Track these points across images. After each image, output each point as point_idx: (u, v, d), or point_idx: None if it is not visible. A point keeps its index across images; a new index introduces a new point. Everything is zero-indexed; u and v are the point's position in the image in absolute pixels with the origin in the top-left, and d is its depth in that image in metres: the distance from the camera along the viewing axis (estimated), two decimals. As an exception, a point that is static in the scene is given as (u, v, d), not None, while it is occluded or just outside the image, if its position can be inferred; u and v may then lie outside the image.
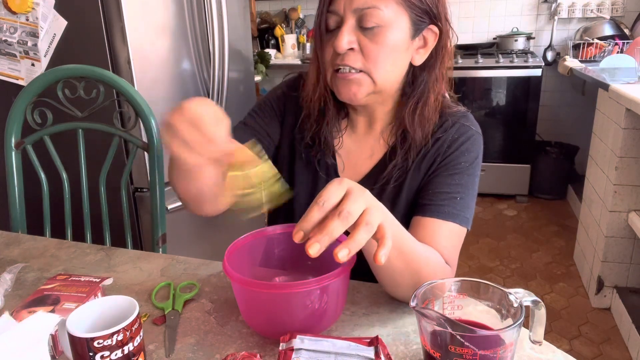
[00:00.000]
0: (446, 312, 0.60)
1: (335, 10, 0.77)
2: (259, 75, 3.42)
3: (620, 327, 1.96)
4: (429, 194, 0.81)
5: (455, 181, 0.81)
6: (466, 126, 0.85)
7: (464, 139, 0.83)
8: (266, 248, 0.78)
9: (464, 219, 0.80)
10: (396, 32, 0.76)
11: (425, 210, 0.80)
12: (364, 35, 0.76)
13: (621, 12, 3.17)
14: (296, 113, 0.93)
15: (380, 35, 0.76)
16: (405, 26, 0.77)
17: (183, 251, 1.76)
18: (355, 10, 0.75)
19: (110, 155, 1.22)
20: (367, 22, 0.75)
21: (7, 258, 0.97)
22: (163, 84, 1.73)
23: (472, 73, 3.15)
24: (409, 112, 0.83)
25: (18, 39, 1.63)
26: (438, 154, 0.83)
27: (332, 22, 0.78)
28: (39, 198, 1.25)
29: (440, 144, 0.84)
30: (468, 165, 0.82)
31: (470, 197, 0.81)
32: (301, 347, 0.56)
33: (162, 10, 1.69)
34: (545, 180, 3.30)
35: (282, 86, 0.97)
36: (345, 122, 0.92)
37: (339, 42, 0.75)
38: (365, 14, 0.74)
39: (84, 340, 0.53)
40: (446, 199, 0.80)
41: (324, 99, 0.86)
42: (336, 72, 0.80)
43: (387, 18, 0.75)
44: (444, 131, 0.84)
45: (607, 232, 2.00)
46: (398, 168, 0.84)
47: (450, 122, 0.85)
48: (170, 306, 0.76)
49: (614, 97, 1.94)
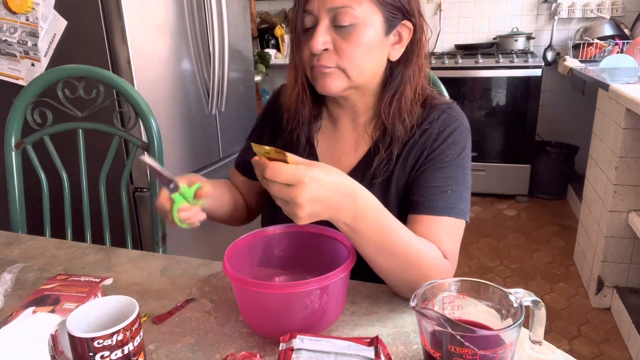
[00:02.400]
0: (446, 312, 0.60)
1: (310, 10, 0.78)
2: (259, 75, 3.42)
3: (620, 327, 1.96)
4: (419, 190, 0.81)
5: (444, 174, 0.81)
6: (452, 117, 0.85)
7: (450, 130, 0.83)
8: (266, 248, 0.79)
9: (459, 211, 0.79)
10: (370, 30, 0.78)
11: (417, 207, 0.80)
12: (337, 35, 0.78)
13: (621, 12, 3.17)
14: (274, 123, 0.97)
15: (354, 33, 0.77)
16: (378, 23, 0.78)
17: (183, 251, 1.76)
18: (330, 10, 0.76)
19: (110, 155, 1.22)
20: (341, 21, 0.76)
21: (7, 258, 0.97)
22: (163, 84, 1.73)
23: (472, 73, 3.15)
24: (385, 105, 0.84)
25: (18, 39, 1.63)
26: (425, 146, 0.84)
27: (308, 21, 0.80)
28: (39, 198, 1.25)
29: (427, 136, 0.84)
30: (455, 157, 0.82)
31: (463, 188, 0.81)
32: (301, 347, 0.56)
33: (162, 10, 1.69)
34: (545, 180, 3.30)
35: (265, 104, 1.02)
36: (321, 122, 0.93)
37: (313, 43, 0.77)
38: (339, 13, 0.76)
39: (84, 340, 0.53)
40: (437, 194, 0.79)
41: (301, 98, 0.88)
42: (313, 69, 0.82)
43: (360, 16, 0.76)
44: (429, 123, 0.84)
45: (607, 232, 2.00)
46: (384, 163, 0.85)
47: (436, 114, 0.85)
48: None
49: (614, 97, 1.94)
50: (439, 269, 0.73)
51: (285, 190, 0.60)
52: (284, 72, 3.69)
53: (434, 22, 3.57)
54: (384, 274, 0.73)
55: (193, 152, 1.91)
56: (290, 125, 0.91)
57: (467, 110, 3.27)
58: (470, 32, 3.56)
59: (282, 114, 0.93)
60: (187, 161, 1.89)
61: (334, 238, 0.74)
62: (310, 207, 0.60)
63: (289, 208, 0.61)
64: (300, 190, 0.59)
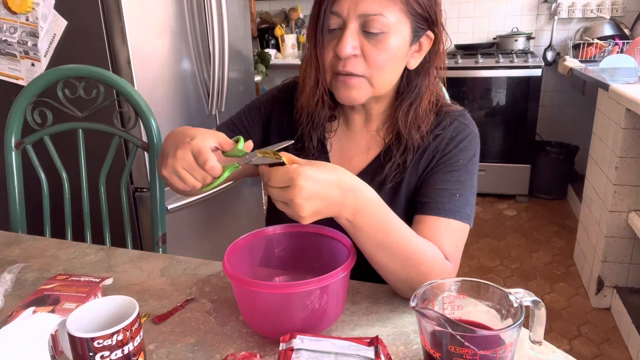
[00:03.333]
0: (446, 312, 0.60)
1: (339, 12, 0.76)
2: (259, 75, 3.42)
3: (620, 327, 1.96)
4: (428, 191, 0.82)
5: (454, 178, 0.82)
6: (464, 124, 0.86)
7: (462, 136, 0.84)
8: (266, 248, 0.79)
9: (464, 215, 0.80)
10: (398, 39, 0.77)
11: (425, 208, 0.80)
12: (367, 41, 0.76)
13: (621, 12, 3.17)
14: (284, 115, 0.94)
15: (383, 41, 0.76)
16: (406, 33, 0.78)
17: (183, 251, 1.76)
18: (361, 16, 0.75)
19: (110, 155, 1.22)
20: (372, 28, 0.75)
21: (7, 258, 0.97)
22: (163, 84, 1.73)
23: (472, 73, 3.15)
24: (403, 114, 0.84)
25: (18, 39, 1.63)
26: (437, 150, 0.84)
27: (334, 22, 0.77)
28: (39, 198, 1.25)
29: (439, 141, 0.84)
30: (466, 163, 0.83)
31: (470, 194, 0.82)
32: (301, 347, 0.56)
33: (162, 10, 1.69)
34: (545, 180, 3.30)
35: (275, 89, 0.99)
36: (336, 124, 0.92)
37: (342, 48, 0.75)
38: (371, 20, 0.74)
39: (84, 340, 0.53)
40: (445, 196, 0.80)
41: (322, 101, 0.86)
42: (336, 75, 0.80)
43: (390, 25, 0.75)
44: (442, 129, 0.85)
45: (607, 232, 2.00)
46: (395, 167, 0.85)
47: (448, 120, 0.86)
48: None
49: (614, 97, 1.95)
50: (440, 269, 0.73)
51: (282, 192, 0.61)
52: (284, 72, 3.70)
53: (434, 22, 3.57)
54: (385, 273, 0.73)
55: (193, 152, 1.91)
56: (304, 124, 0.90)
57: (467, 111, 3.27)
58: (470, 32, 3.56)
59: (293, 109, 0.91)
60: (187, 161, 1.88)
61: (334, 238, 0.74)
62: (310, 206, 0.61)
63: (290, 210, 0.62)
64: (295, 190, 0.60)
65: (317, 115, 0.87)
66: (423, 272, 0.70)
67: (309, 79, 0.84)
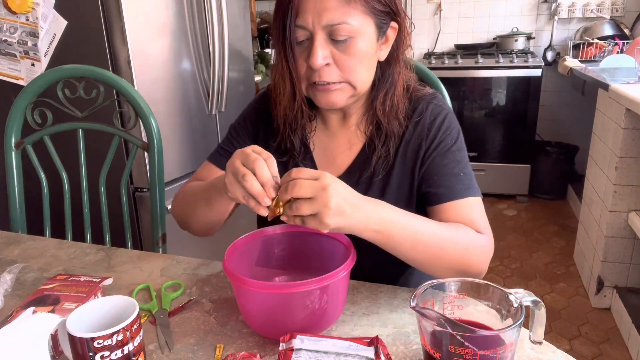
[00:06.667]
0: (446, 312, 0.60)
1: (304, 26, 0.77)
2: (259, 75, 3.42)
3: (620, 327, 1.96)
4: (435, 182, 0.84)
5: (451, 159, 0.84)
6: (439, 106, 0.88)
7: (441, 118, 0.86)
8: (266, 248, 0.79)
9: (475, 189, 0.83)
10: (365, 40, 0.78)
11: (440, 197, 0.82)
12: (336, 48, 0.78)
13: (621, 12, 3.17)
14: (267, 125, 0.95)
15: (352, 46, 0.77)
16: (371, 31, 0.79)
17: (183, 251, 1.76)
18: (326, 26, 0.76)
19: (110, 155, 1.22)
20: (338, 36, 0.76)
21: (7, 258, 0.97)
22: (163, 84, 1.73)
23: (472, 73, 3.15)
24: (380, 104, 0.86)
25: (18, 39, 1.63)
26: (421, 137, 0.86)
27: (301, 35, 0.78)
28: (39, 198, 1.25)
29: (421, 127, 0.86)
30: (455, 142, 0.86)
31: (469, 168, 0.86)
32: (301, 347, 0.56)
33: (162, 10, 1.69)
34: (545, 180, 3.30)
35: (253, 103, 1.00)
36: (314, 123, 0.93)
37: (314, 59, 0.77)
38: (336, 29, 0.76)
39: (84, 340, 0.53)
40: (453, 180, 0.83)
41: (301, 109, 0.87)
42: (313, 84, 0.81)
43: (355, 29, 0.76)
44: (419, 114, 0.87)
45: (607, 232, 2.00)
46: (381, 158, 0.86)
47: (423, 105, 0.88)
48: (156, 306, 0.76)
49: (614, 97, 1.95)
50: (477, 244, 0.76)
51: (313, 183, 0.62)
52: (284, 72, 3.69)
53: (434, 22, 3.57)
54: (425, 268, 0.75)
55: (193, 152, 1.91)
56: (284, 131, 0.90)
57: (467, 111, 3.27)
58: (470, 32, 3.56)
59: (272, 117, 0.92)
60: (187, 161, 1.89)
61: (334, 238, 0.74)
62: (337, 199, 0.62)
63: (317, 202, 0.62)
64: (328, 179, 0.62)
65: (298, 121, 0.89)
66: (461, 255, 0.74)
67: (284, 91, 0.85)
